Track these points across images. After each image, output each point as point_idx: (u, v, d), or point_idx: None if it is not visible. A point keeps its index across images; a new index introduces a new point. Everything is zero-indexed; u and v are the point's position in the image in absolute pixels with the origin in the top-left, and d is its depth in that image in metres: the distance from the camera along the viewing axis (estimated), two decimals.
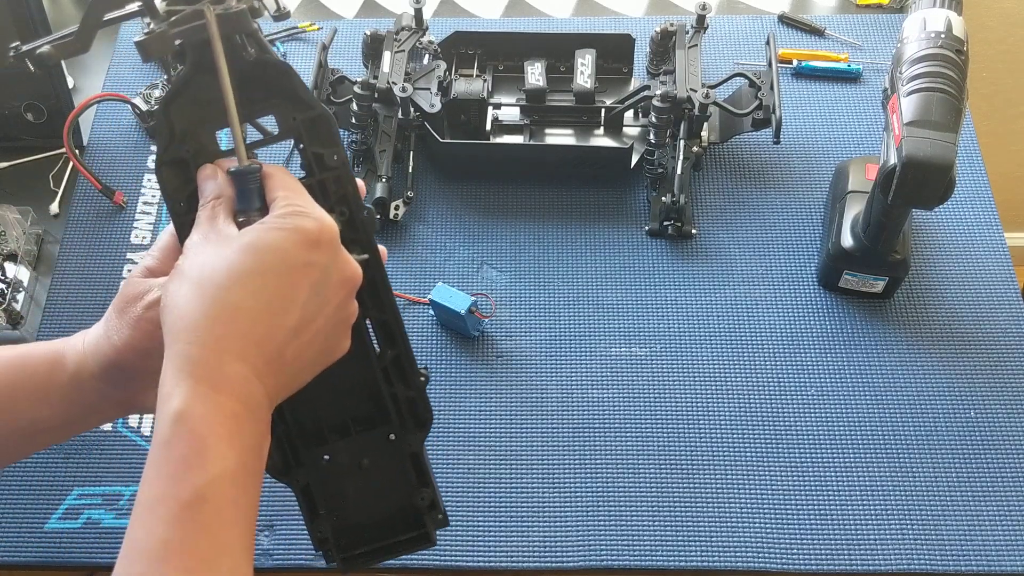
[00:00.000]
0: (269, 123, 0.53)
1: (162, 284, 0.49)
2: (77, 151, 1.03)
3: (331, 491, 0.56)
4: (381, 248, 0.53)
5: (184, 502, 0.41)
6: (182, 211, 0.50)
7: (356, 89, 0.94)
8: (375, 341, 0.55)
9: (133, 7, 0.49)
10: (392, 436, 0.56)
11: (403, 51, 0.97)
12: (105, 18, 0.49)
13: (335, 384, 0.54)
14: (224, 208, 0.48)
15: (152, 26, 0.48)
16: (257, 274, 0.44)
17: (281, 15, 0.53)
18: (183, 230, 0.50)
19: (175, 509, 0.41)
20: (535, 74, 1.00)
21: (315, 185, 0.51)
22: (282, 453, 0.55)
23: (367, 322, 0.54)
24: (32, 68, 0.51)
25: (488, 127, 1.01)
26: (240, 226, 0.47)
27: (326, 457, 0.55)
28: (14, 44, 0.50)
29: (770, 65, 0.95)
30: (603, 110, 1.01)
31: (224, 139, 0.50)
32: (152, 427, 0.89)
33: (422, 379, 0.56)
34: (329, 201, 0.51)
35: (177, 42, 0.48)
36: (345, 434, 0.55)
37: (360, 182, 0.54)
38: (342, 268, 0.47)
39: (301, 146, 0.52)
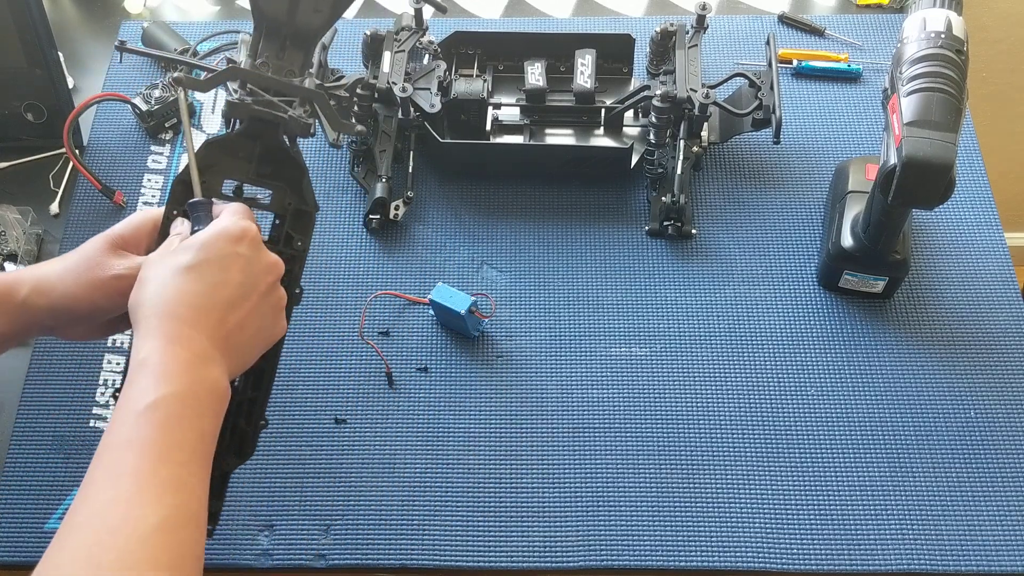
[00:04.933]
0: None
1: (130, 267, 0.62)
2: (77, 151, 1.03)
3: None
4: None
5: (140, 410, 0.52)
6: (173, 217, 0.64)
7: (357, 89, 0.94)
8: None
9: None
10: None
11: (403, 51, 0.97)
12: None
13: None
14: (180, 240, 0.61)
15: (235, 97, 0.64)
16: (195, 265, 0.58)
17: (336, 145, 0.76)
18: (165, 226, 0.64)
19: (133, 415, 0.52)
20: (535, 74, 1.00)
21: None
22: None
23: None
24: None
25: (488, 127, 1.01)
26: None
27: None
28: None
29: (770, 65, 0.95)
30: (603, 110, 1.01)
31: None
32: None
33: (263, 423, 0.68)
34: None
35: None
36: None
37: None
38: (265, 258, 0.61)
39: (278, 222, 0.66)
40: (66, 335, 0.67)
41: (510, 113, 1.02)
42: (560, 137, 1.02)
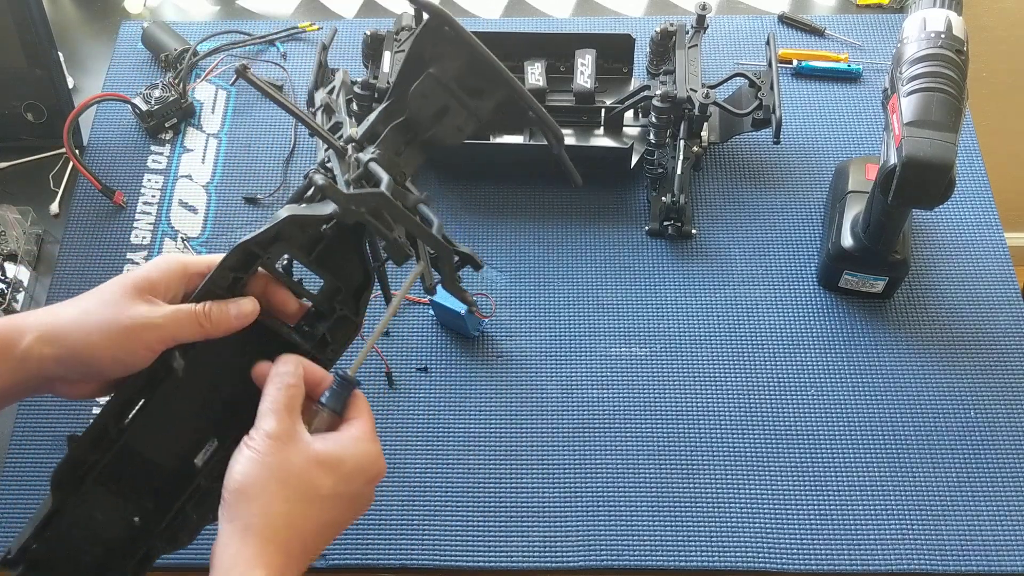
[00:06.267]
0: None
1: (162, 315, 0.56)
2: (77, 151, 1.03)
3: (62, 522, 0.58)
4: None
5: None
6: (221, 283, 0.58)
7: (356, 89, 0.94)
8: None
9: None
10: (136, 519, 0.60)
11: (403, 51, 0.97)
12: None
13: (157, 459, 0.60)
14: (298, 400, 0.58)
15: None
16: (329, 498, 0.56)
17: (430, 290, 0.66)
18: (209, 287, 0.58)
19: None
20: (535, 74, 1.00)
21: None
22: (74, 468, 0.58)
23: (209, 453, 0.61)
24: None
25: None
26: (310, 420, 0.58)
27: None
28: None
29: (770, 65, 0.95)
30: (603, 110, 1.01)
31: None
32: None
33: (211, 517, 0.60)
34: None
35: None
36: (111, 485, 0.59)
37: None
38: (374, 498, 0.60)
39: (313, 309, 0.63)
40: (71, 391, 0.58)
41: None
42: None
